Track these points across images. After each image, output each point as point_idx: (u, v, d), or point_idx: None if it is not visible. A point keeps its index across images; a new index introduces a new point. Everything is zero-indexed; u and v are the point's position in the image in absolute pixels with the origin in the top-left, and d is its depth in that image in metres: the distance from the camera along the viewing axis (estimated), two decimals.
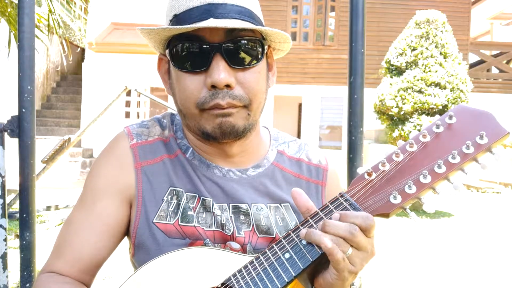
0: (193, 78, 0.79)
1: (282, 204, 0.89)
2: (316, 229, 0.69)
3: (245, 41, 0.78)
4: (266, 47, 0.83)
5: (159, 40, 0.83)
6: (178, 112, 0.88)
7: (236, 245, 0.83)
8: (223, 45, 0.77)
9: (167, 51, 0.83)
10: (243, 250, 0.84)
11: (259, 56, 0.81)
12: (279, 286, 0.67)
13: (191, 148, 0.89)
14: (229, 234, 0.83)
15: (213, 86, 0.77)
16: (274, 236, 0.86)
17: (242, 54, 0.79)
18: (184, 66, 0.79)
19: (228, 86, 0.77)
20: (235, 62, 0.78)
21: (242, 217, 0.85)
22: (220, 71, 0.76)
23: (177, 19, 0.79)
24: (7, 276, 1.68)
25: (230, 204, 0.86)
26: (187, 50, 0.78)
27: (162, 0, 9.91)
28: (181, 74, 0.80)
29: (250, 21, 0.79)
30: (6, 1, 3.48)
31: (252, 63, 0.80)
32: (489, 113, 0.71)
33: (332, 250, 0.65)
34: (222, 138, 0.81)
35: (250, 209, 0.86)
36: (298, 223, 0.73)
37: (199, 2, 0.77)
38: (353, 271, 0.67)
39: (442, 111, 7.17)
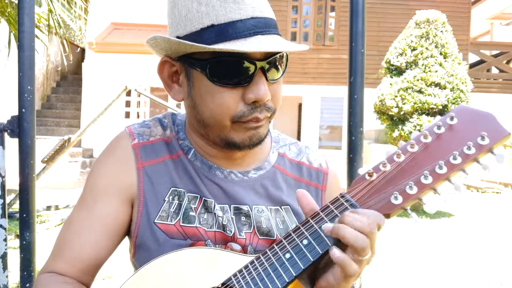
0: (231, 93, 0.78)
1: (282, 207, 0.89)
2: (317, 229, 0.69)
3: (280, 57, 0.80)
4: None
5: (183, 49, 0.79)
6: (194, 121, 0.86)
7: (237, 246, 0.83)
8: (266, 62, 0.77)
9: (192, 60, 0.79)
10: (244, 251, 0.84)
11: (285, 68, 0.83)
12: (280, 286, 0.67)
13: (193, 149, 0.89)
14: (230, 235, 0.83)
15: (254, 101, 0.78)
16: (274, 238, 0.86)
17: (277, 69, 0.80)
18: (221, 81, 0.77)
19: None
20: (271, 77, 0.79)
21: (243, 218, 0.86)
22: (264, 87, 0.77)
23: (216, 31, 0.74)
24: (7, 276, 1.68)
25: (232, 206, 0.86)
26: (227, 65, 0.76)
27: (162, 0, 9.90)
28: (215, 87, 0.78)
29: (276, 32, 0.80)
30: (6, 1, 3.48)
31: (279, 76, 0.82)
32: (490, 113, 0.71)
33: (358, 245, 0.64)
34: (247, 148, 0.83)
35: (251, 211, 0.86)
36: (298, 224, 0.73)
37: (242, 15, 0.75)
38: (358, 272, 0.66)
39: (442, 111, 7.17)
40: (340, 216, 0.67)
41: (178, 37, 0.79)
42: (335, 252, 0.65)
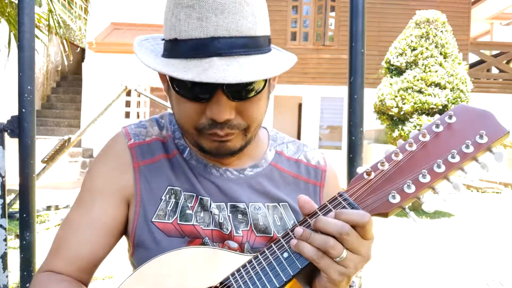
0: (193, 105, 0.77)
1: (280, 204, 0.89)
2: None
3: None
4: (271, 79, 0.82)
5: None
6: (176, 122, 0.88)
7: (234, 244, 0.84)
8: (225, 83, 0.73)
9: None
10: (241, 249, 0.84)
11: (262, 87, 0.78)
12: (277, 286, 0.67)
13: (188, 148, 0.89)
14: (227, 233, 0.83)
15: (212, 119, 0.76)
16: (272, 235, 0.86)
17: (245, 89, 0.76)
18: (184, 94, 0.77)
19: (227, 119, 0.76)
20: (236, 96, 0.75)
21: (240, 216, 0.86)
22: (221, 108, 0.74)
23: (177, 45, 0.73)
24: (7, 276, 1.68)
25: (228, 204, 0.86)
26: (188, 81, 0.73)
27: (162, 0, 9.91)
28: (180, 98, 0.78)
29: (255, 52, 0.74)
30: (6, 1, 3.48)
31: (252, 94, 0.77)
32: (489, 112, 0.70)
33: (313, 259, 0.65)
34: (219, 157, 0.84)
35: (248, 208, 0.86)
36: (296, 222, 0.73)
37: (202, 34, 0.71)
38: (346, 273, 0.64)
39: (442, 111, 7.17)
40: (314, 221, 0.67)
41: (162, 39, 0.80)
42: (292, 242, 0.67)
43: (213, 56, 0.71)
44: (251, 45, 0.73)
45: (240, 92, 0.75)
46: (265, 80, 0.78)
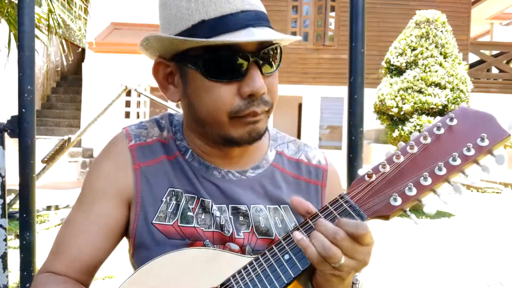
0: (226, 87, 0.77)
1: (281, 206, 0.89)
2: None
3: (273, 49, 0.80)
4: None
5: (175, 48, 0.79)
6: (192, 120, 0.86)
7: (235, 246, 0.83)
8: (260, 54, 0.77)
9: (184, 58, 0.79)
10: (242, 251, 0.84)
11: (280, 61, 0.83)
12: None
13: (191, 150, 0.89)
14: (228, 235, 0.83)
15: (250, 95, 0.77)
16: (273, 237, 0.86)
17: (271, 62, 0.80)
18: (216, 76, 0.77)
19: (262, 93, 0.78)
20: (266, 70, 0.79)
21: (241, 218, 0.85)
22: (259, 80, 0.76)
23: (207, 26, 0.74)
24: (7, 276, 1.68)
25: (229, 205, 0.86)
26: (221, 60, 0.76)
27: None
28: (210, 83, 0.78)
29: (271, 26, 0.80)
30: (6, 1, 3.48)
31: (274, 69, 0.81)
32: (490, 115, 0.70)
33: (313, 262, 0.65)
34: (246, 143, 0.82)
35: (249, 210, 0.86)
36: (297, 224, 0.73)
37: (232, 9, 0.74)
38: (340, 276, 0.66)
39: (442, 111, 7.17)
40: (316, 222, 0.67)
41: (175, 35, 0.78)
42: (297, 235, 0.67)
43: (249, 27, 0.74)
44: (265, 18, 0.79)
45: (268, 66, 0.79)
46: (281, 58, 0.83)
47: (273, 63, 0.80)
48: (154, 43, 0.79)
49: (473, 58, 12.29)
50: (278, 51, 0.82)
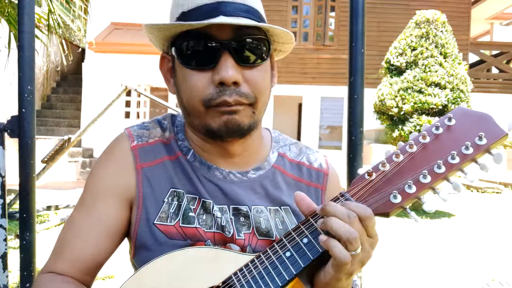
0: (200, 75, 0.79)
1: (282, 207, 0.89)
2: (317, 227, 0.69)
3: (252, 40, 0.80)
4: (271, 46, 0.85)
5: (165, 37, 0.83)
6: (182, 110, 0.88)
7: (236, 247, 0.83)
8: (232, 42, 0.77)
9: (172, 48, 0.83)
10: (243, 252, 0.84)
11: (265, 55, 0.82)
12: (280, 284, 0.67)
13: (192, 150, 0.89)
14: (229, 236, 0.83)
15: (221, 83, 0.77)
16: (273, 238, 0.86)
17: (249, 52, 0.80)
18: (191, 63, 0.79)
19: (235, 83, 0.78)
20: (242, 59, 0.79)
21: (242, 219, 0.86)
22: (229, 68, 0.77)
23: (185, 17, 0.79)
24: (7, 276, 1.68)
25: (230, 206, 0.86)
26: (195, 47, 0.79)
27: (162, 0, 9.91)
28: (187, 71, 0.80)
29: (257, 20, 0.80)
30: (6, 1, 3.48)
31: (258, 61, 0.81)
32: (488, 115, 0.71)
33: (345, 238, 0.64)
34: (227, 136, 0.82)
35: (250, 211, 0.86)
36: (298, 222, 0.73)
37: (208, 1, 0.78)
38: (350, 273, 0.67)
39: (442, 111, 7.18)
40: (322, 206, 0.68)
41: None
42: (322, 238, 0.66)
43: (221, 15, 0.76)
44: (252, 13, 0.80)
45: (246, 57, 0.79)
46: (267, 51, 0.82)
47: (253, 55, 0.80)
48: (149, 34, 0.84)
49: (473, 58, 12.30)
50: (263, 44, 0.81)
